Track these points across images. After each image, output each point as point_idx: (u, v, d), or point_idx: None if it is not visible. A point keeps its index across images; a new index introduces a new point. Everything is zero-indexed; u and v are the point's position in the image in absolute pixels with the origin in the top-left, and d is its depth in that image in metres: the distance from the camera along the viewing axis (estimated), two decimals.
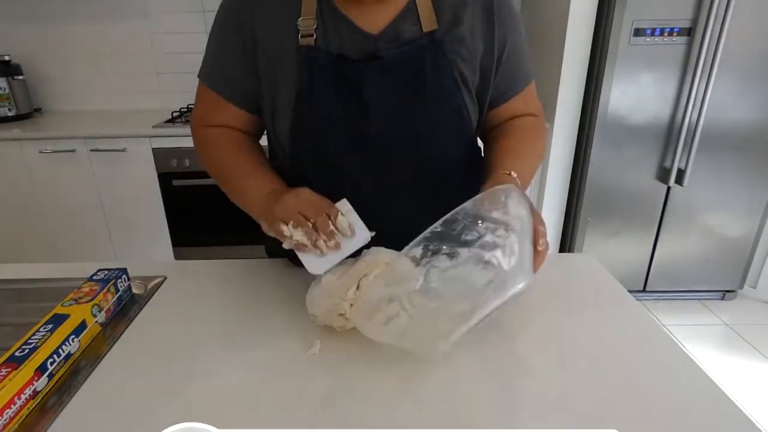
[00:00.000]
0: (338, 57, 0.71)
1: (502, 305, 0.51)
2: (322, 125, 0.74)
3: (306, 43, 0.71)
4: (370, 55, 0.71)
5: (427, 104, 0.74)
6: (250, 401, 0.54)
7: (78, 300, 0.65)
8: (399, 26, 0.72)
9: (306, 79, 0.72)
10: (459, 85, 0.75)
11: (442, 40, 0.72)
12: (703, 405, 0.53)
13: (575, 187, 2.20)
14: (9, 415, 0.50)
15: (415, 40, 0.72)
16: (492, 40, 0.75)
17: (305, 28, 0.71)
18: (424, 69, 0.72)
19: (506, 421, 0.50)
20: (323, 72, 0.71)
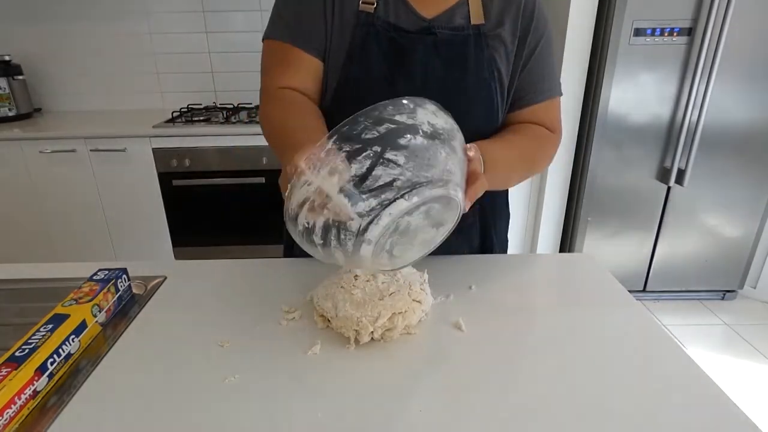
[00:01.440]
0: (394, 26, 0.77)
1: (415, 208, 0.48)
2: (366, 85, 0.78)
3: (366, 9, 0.77)
4: (424, 29, 0.77)
5: (466, 87, 0.79)
6: (250, 401, 0.54)
7: (78, 300, 0.65)
8: (451, 15, 0.78)
9: (360, 40, 0.77)
10: (495, 79, 0.80)
11: (487, 35, 0.79)
12: (703, 405, 0.53)
13: (575, 187, 2.20)
14: (9, 415, 0.50)
15: (464, 28, 0.78)
16: (523, 46, 0.81)
17: None
18: (468, 55, 0.78)
19: (506, 421, 0.50)
20: (377, 36, 0.77)
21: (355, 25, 0.77)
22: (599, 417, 0.51)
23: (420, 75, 0.78)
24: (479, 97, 0.80)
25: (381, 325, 0.61)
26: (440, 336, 0.65)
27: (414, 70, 0.77)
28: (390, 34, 0.77)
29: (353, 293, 0.65)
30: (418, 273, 0.71)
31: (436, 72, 0.78)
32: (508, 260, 0.88)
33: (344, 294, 0.65)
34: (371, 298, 0.64)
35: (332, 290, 0.66)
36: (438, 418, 0.51)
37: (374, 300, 0.63)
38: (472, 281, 0.78)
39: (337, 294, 0.65)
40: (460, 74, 0.78)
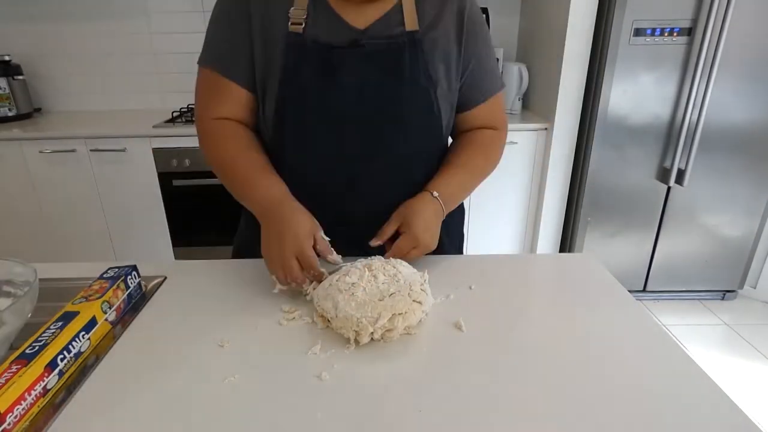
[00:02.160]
0: (324, 44, 0.77)
1: None
2: (303, 104, 0.79)
3: (295, 30, 0.77)
4: (352, 42, 0.78)
5: (401, 95, 0.79)
6: (250, 400, 0.54)
7: (88, 297, 0.65)
8: (384, 24, 0.79)
9: (291, 61, 0.77)
10: (432, 83, 0.80)
11: (422, 39, 0.79)
12: (703, 405, 0.53)
13: (575, 187, 2.20)
14: (19, 412, 0.50)
15: (397, 36, 0.78)
16: (460, 48, 0.82)
17: (296, 17, 0.77)
18: (402, 63, 0.78)
19: (506, 421, 0.51)
20: (307, 55, 0.77)
21: (284, 47, 0.77)
22: (599, 417, 0.51)
23: (354, 87, 0.77)
24: (417, 106, 0.80)
25: (381, 325, 0.61)
26: (440, 336, 0.65)
27: (347, 83, 0.77)
28: (319, 53, 0.77)
29: (353, 294, 0.65)
30: (418, 273, 0.71)
31: (370, 83, 0.78)
32: (508, 260, 0.88)
33: (344, 294, 0.64)
34: (371, 299, 0.64)
35: (332, 290, 0.66)
36: (438, 418, 0.51)
37: (374, 301, 0.63)
38: (472, 281, 0.78)
39: (337, 294, 0.65)
40: (396, 83, 0.78)
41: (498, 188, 2.23)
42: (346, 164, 0.82)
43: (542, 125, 2.13)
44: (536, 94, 2.32)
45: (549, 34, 2.11)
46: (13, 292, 0.69)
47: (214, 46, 0.81)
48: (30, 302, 0.63)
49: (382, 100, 0.78)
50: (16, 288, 0.69)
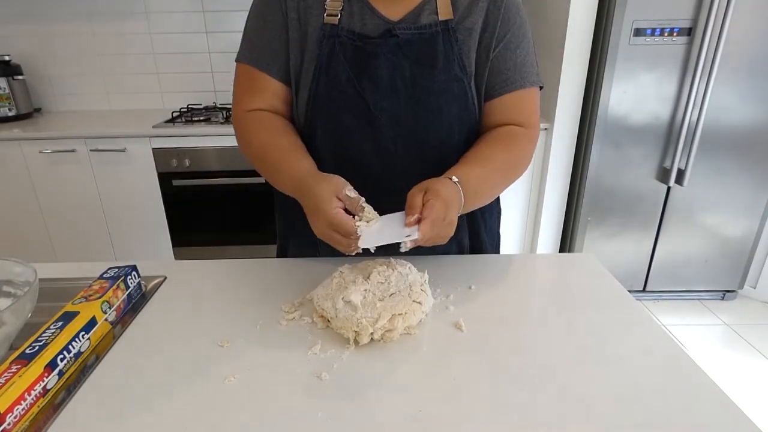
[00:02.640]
0: (359, 35, 0.78)
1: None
2: (337, 96, 0.78)
3: (330, 22, 0.77)
4: (386, 32, 0.77)
5: (436, 86, 0.78)
6: (250, 400, 0.54)
7: (88, 297, 0.65)
8: (417, 14, 0.78)
9: (326, 53, 0.77)
10: (466, 73, 0.79)
11: (456, 28, 0.78)
12: (703, 405, 0.53)
13: (575, 187, 2.20)
14: (19, 412, 0.50)
15: (431, 25, 0.78)
16: (494, 32, 0.79)
17: (331, 8, 0.78)
18: (436, 52, 0.77)
19: (506, 421, 0.51)
20: (343, 47, 0.77)
21: (320, 39, 0.78)
22: (599, 417, 0.51)
23: (387, 79, 0.77)
24: (452, 95, 0.79)
25: (381, 326, 0.61)
26: (440, 336, 0.65)
27: (380, 74, 0.77)
28: (355, 43, 0.77)
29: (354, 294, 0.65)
30: (418, 274, 0.71)
31: (403, 74, 0.77)
32: (508, 260, 0.88)
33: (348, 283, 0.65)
34: (371, 299, 0.64)
35: (332, 290, 0.66)
36: (438, 418, 0.51)
37: (374, 301, 0.63)
38: (472, 281, 0.78)
39: (336, 294, 0.65)
40: (429, 73, 0.78)
41: None
42: (378, 159, 0.81)
43: (542, 125, 2.13)
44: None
45: (549, 34, 2.11)
46: (13, 292, 0.69)
47: (250, 42, 0.82)
48: (30, 302, 0.63)
49: (415, 90, 0.78)
50: (16, 288, 0.69)
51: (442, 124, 0.80)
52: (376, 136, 0.79)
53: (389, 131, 0.79)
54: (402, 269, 0.70)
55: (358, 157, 0.81)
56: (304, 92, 0.80)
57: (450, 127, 0.81)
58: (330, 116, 0.80)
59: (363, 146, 0.80)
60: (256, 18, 0.82)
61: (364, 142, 0.80)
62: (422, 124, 0.79)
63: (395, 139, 0.80)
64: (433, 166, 0.79)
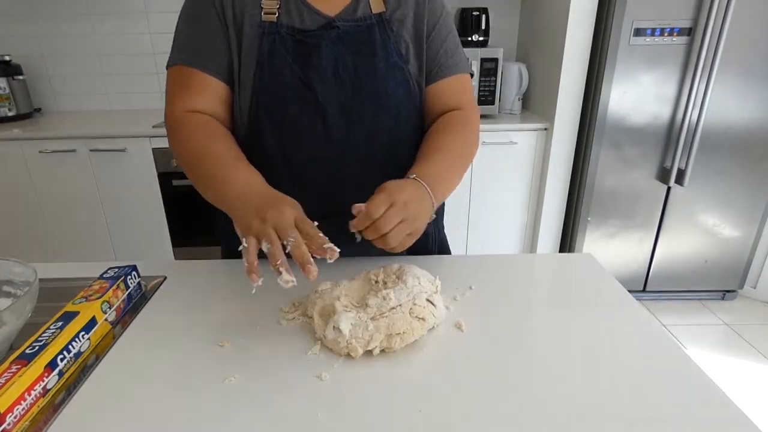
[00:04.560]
0: (298, 30, 0.80)
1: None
2: (281, 91, 0.79)
3: (269, 19, 0.79)
4: (326, 24, 0.80)
5: (378, 72, 0.81)
6: (250, 400, 0.54)
7: (88, 297, 0.65)
8: (352, 9, 0.82)
9: (267, 49, 0.78)
10: (404, 59, 0.83)
11: (389, 19, 0.83)
12: (703, 405, 0.53)
13: (575, 187, 2.20)
14: (19, 412, 0.50)
15: (366, 18, 0.82)
16: (424, 21, 0.84)
17: (268, 6, 0.79)
18: (374, 42, 0.81)
19: (505, 420, 0.51)
20: (283, 42, 0.78)
21: (260, 36, 0.78)
22: (599, 417, 0.51)
23: (331, 69, 0.79)
24: (395, 81, 0.82)
25: (374, 347, 0.59)
26: (441, 336, 0.65)
27: (325, 65, 0.79)
28: (295, 38, 0.79)
29: (347, 309, 0.61)
30: (429, 282, 0.67)
31: (346, 63, 0.80)
32: (508, 260, 0.88)
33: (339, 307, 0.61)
34: (364, 319, 0.60)
35: (328, 301, 0.63)
36: (438, 418, 0.51)
37: (367, 322, 0.59)
38: (472, 281, 0.78)
39: (330, 308, 0.62)
40: (370, 61, 0.80)
41: (498, 188, 2.23)
42: (331, 149, 0.81)
43: (542, 125, 2.13)
44: (536, 94, 2.32)
45: (549, 34, 2.11)
46: (13, 292, 0.69)
47: (185, 43, 0.81)
48: (30, 302, 0.63)
49: (360, 77, 0.80)
50: (16, 288, 0.69)
51: (390, 109, 0.83)
52: (326, 125, 0.80)
53: (338, 120, 0.80)
54: (411, 279, 0.66)
55: (309, 148, 0.81)
56: (247, 89, 0.80)
57: (397, 110, 0.83)
58: (276, 109, 0.80)
59: (313, 137, 0.81)
60: (187, 20, 0.82)
61: (313, 133, 0.80)
62: (370, 109, 0.81)
63: (345, 126, 0.81)
64: (384, 150, 0.84)
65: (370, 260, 0.81)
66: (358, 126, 0.81)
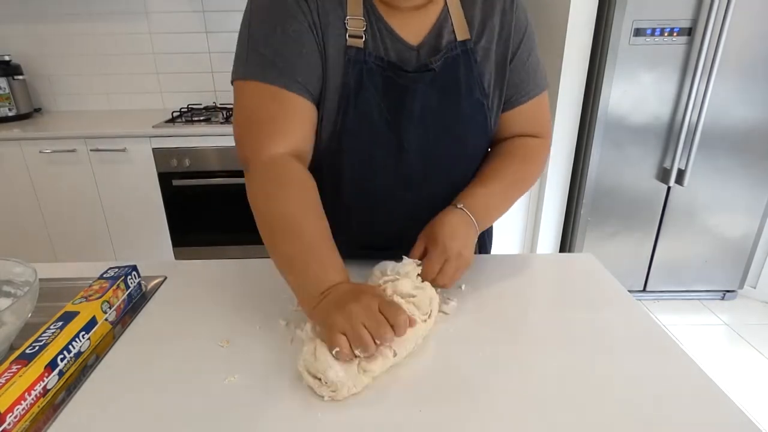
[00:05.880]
0: (389, 64, 0.70)
1: None
2: (366, 132, 0.72)
3: (355, 44, 0.68)
4: (421, 66, 0.72)
5: (461, 114, 0.75)
6: (250, 400, 0.54)
7: (88, 297, 0.65)
8: (437, 36, 0.72)
9: (354, 80, 0.69)
10: (485, 94, 0.76)
11: (474, 49, 0.73)
12: (703, 405, 0.53)
13: (575, 187, 2.20)
14: (19, 412, 0.50)
15: (451, 48, 0.72)
16: (508, 45, 0.75)
17: (354, 28, 0.68)
18: (459, 78, 0.73)
19: (506, 421, 0.51)
20: (371, 75, 0.70)
21: (345, 63, 0.68)
22: (599, 417, 0.51)
23: (418, 112, 0.72)
24: (475, 121, 0.76)
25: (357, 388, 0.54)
26: (441, 336, 0.65)
27: (414, 110, 0.72)
28: (385, 72, 0.70)
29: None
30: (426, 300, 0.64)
31: (432, 106, 0.73)
32: (508, 260, 0.88)
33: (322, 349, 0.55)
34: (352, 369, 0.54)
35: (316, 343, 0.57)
36: (438, 418, 0.51)
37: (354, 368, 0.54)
38: (473, 281, 0.78)
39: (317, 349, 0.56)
40: (454, 101, 0.74)
41: None
42: (406, 188, 0.78)
43: None
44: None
45: (549, 34, 2.10)
46: (13, 292, 0.69)
47: (270, 56, 0.66)
48: (30, 302, 0.63)
49: (443, 121, 0.74)
50: (16, 288, 0.69)
51: (467, 151, 0.79)
52: (406, 168, 0.76)
53: (417, 164, 0.76)
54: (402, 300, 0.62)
55: (384, 188, 0.77)
56: (328, 121, 0.71)
57: (474, 152, 0.80)
58: (359, 149, 0.74)
59: (391, 178, 0.76)
60: (270, 21, 0.67)
61: (392, 174, 0.76)
62: (450, 153, 0.77)
63: (423, 169, 0.77)
64: (456, 189, 0.78)
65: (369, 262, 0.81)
66: (435, 168, 0.77)
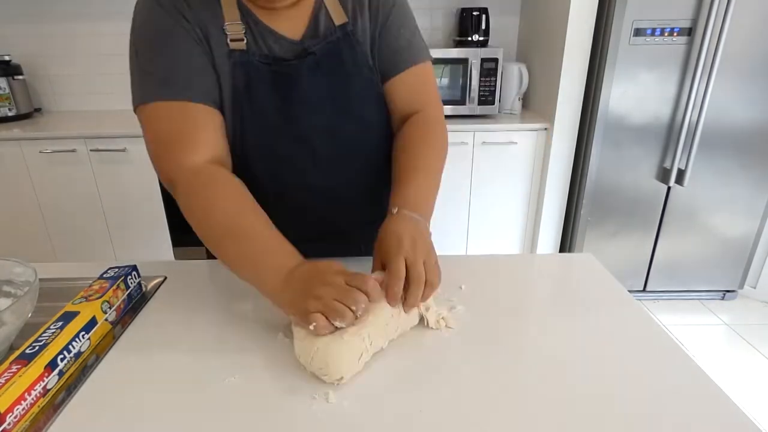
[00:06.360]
0: (273, 58, 0.74)
1: None
2: (264, 123, 0.76)
3: (238, 47, 0.72)
4: (302, 52, 0.75)
5: (353, 92, 0.79)
6: (250, 400, 0.54)
7: (88, 297, 0.65)
8: (315, 26, 0.76)
9: (242, 80, 0.72)
10: (373, 72, 0.80)
11: (354, 30, 0.77)
12: (703, 405, 0.53)
13: (575, 187, 2.20)
14: (19, 412, 0.50)
15: (330, 33, 0.76)
16: (377, 19, 0.78)
17: (234, 32, 0.71)
18: (345, 60, 0.77)
19: (506, 421, 0.51)
20: (258, 72, 0.73)
21: (231, 66, 0.71)
22: (599, 417, 0.51)
23: (313, 98, 0.76)
24: (369, 97, 0.80)
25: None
26: (440, 336, 0.65)
27: (306, 96, 0.76)
28: (271, 68, 0.73)
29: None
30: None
31: (324, 89, 0.76)
32: (508, 260, 0.88)
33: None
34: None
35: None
36: (438, 418, 0.51)
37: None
38: (472, 281, 0.78)
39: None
40: (346, 81, 0.77)
41: (498, 188, 2.23)
42: (320, 174, 0.81)
43: (542, 125, 2.13)
44: (536, 94, 2.32)
45: (549, 34, 2.10)
46: (13, 292, 0.69)
47: (162, 73, 0.69)
48: (30, 302, 0.63)
49: (339, 101, 0.78)
50: (16, 288, 0.69)
51: (368, 127, 0.82)
52: (313, 153, 0.79)
53: (324, 146, 0.79)
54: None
55: (299, 176, 0.80)
56: (228, 121, 0.74)
57: (373, 125, 0.83)
58: (262, 142, 0.77)
59: (302, 165, 0.80)
60: (153, 45, 0.71)
61: (302, 161, 0.80)
62: (352, 132, 0.80)
63: (331, 151, 0.80)
64: (367, 166, 0.85)
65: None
66: (343, 148, 0.81)
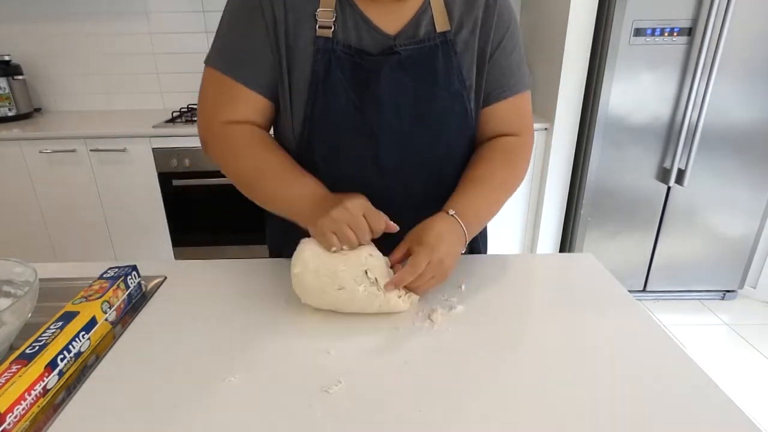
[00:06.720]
0: (356, 50, 0.73)
1: None
2: (338, 117, 0.75)
3: (324, 35, 0.72)
4: (387, 49, 0.74)
5: (439, 103, 0.76)
6: (250, 400, 0.54)
7: (88, 297, 0.65)
8: (415, 26, 0.75)
9: (322, 68, 0.73)
10: (465, 87, 0.77)
11: (454, 41, 0.75)
12: (703, 405, 0.53)
13: (575, 187, 2.20)
14: (19, 412, 0.50)
15: (429, 38, 0.74)
16: (489, 40, 0.77)
17: (324, 19, 0.72)
18: (437, 67, 0.75)
19: (506, 420, 0.51)
20: (340, 63, 0.73)
21: (314, 53, 0.72)
22: (599, 417, 0.51)
23: (390, 98, 0.74)
24: (453, 111, 0.77)
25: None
26: (440, 336, 0.65)
27: (383, 95, 0.74)
28: (353, 59, 0.73)
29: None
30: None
31: (406, 92, 0.74)
32: (508, 260, 0.88)
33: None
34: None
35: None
36: (438, 417, 0.51)
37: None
38: (472, 281, 0.78)
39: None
40: (431, 89, 0.75)
41: None
42: (382, 177, 0.78)
43: (542, 125, 2.13)
44: (536, 94, 2.32)
45: (549, 34, 2.10)
46: (13, 292, 0.69)
47: (226, 49, 0.75)
48: (30, 302, 0.63)
49: (420, 108, 0.75)
50: (16, 288, 0.69)
51: (445, 140, 0.79)
52: (379, 155, 0.77)
53: (392, 149, 0.77)
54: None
55: (359, 176, 0.78)
56: (299, 111, 0.76)
57: (451, 141, 0.80)
58: (330, 137, 0.77)
59: (365, 165, 0.78)
60: (231, 22, 0.75)
61: (366, 162, 0.77)
62: (426, 141, 0.78)
63: (398, 156, 0.77)
64: (434, 178, 0.80)
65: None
66: (411, 157, 0.78)
